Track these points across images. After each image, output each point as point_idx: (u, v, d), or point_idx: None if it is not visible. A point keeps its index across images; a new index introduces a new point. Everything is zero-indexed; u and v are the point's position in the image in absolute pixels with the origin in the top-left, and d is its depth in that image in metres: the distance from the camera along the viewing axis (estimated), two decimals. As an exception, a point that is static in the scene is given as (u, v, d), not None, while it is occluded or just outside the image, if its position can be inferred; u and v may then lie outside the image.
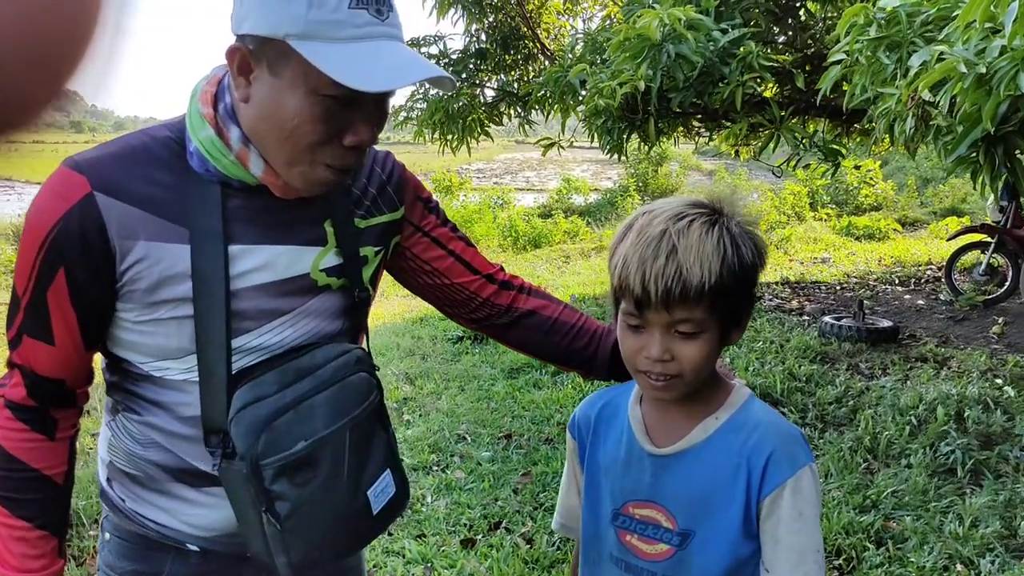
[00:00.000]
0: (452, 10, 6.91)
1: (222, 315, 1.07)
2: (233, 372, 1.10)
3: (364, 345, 1.30)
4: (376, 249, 1.24)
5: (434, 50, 7.23)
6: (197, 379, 1.09)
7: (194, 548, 1.19)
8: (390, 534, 3.17)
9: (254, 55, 1.00)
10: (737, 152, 6.69)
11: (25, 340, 1.07)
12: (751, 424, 1.10)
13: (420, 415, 4.52)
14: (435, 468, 3.79)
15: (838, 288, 7.75)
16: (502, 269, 1.40)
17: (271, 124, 1.02)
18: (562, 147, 6.35)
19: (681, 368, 1.05)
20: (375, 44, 0.98)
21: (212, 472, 1.11)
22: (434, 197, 1.37)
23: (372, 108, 1.03)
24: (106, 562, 1.24)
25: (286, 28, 0.95)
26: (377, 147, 1.23)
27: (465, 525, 3.23)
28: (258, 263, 1.10)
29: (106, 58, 0.37)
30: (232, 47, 1.01)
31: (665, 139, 5.91)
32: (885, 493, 3.33)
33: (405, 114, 7.11)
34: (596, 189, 18.98)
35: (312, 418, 1.11)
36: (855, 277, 8.27)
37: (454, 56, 7.24)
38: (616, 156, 5.33)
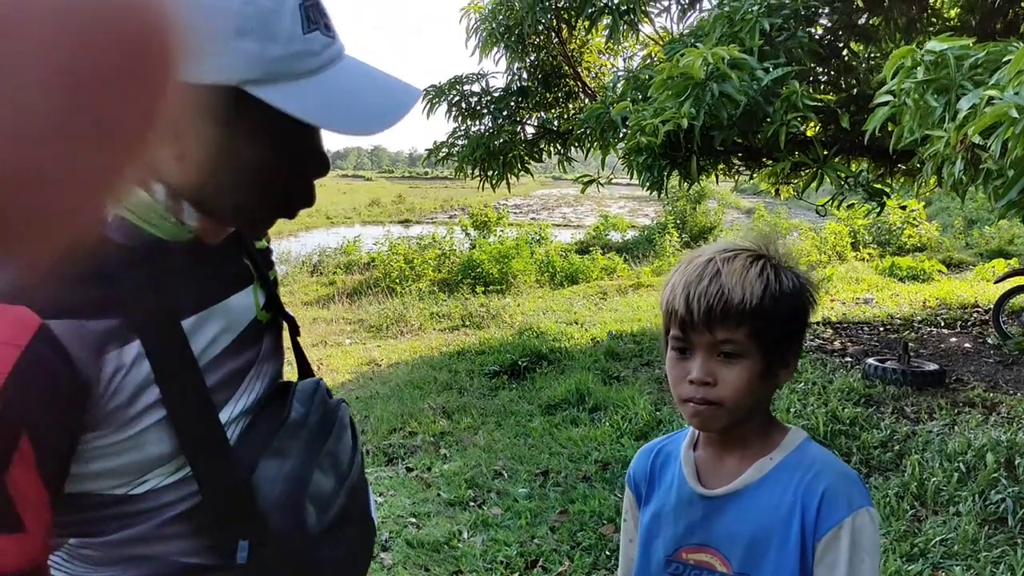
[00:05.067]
0: (495, 49, 7.02)
1: (204, 401, 0.91)
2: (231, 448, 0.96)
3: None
4: (275, 271, 1.15)
5: (476, 88, 7.35)
6: (190, 472, 0.92)
7: None
8: (427, 570, 3.16)
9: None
10: (777, 191, 6.66)
11: None
12: (806, 463, 1.09)
13: (457, 450, 4.51)
14: (472, 504, 3.78)
15: (882, 329, 7.62)
16: None
17: (223, 180, 0.87)
18: (601, 184, 6.38)
19: (721, 394, 1.05)
20: (337, 70, 0.87)
21: (215, 563, 0.95)
22: None
23: (319, 136, 0.93)
24: None
25: (240, 73, 0.79)
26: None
27: (502, 563, 3.21)
28: (218, 328, 0.95)
29: None
30: None
31: (705, 177, 5.91)
32: (933, 541, 3.24)
33: (446, 150, 7.21)
34: (633, 226, 18.97)
35: (336, 466, 1.04)
36: (899, 318, 8.13)
37: (496, 94, 7.34)
38: (656, 194, 5.35)
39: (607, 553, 3.26)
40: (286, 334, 1.16)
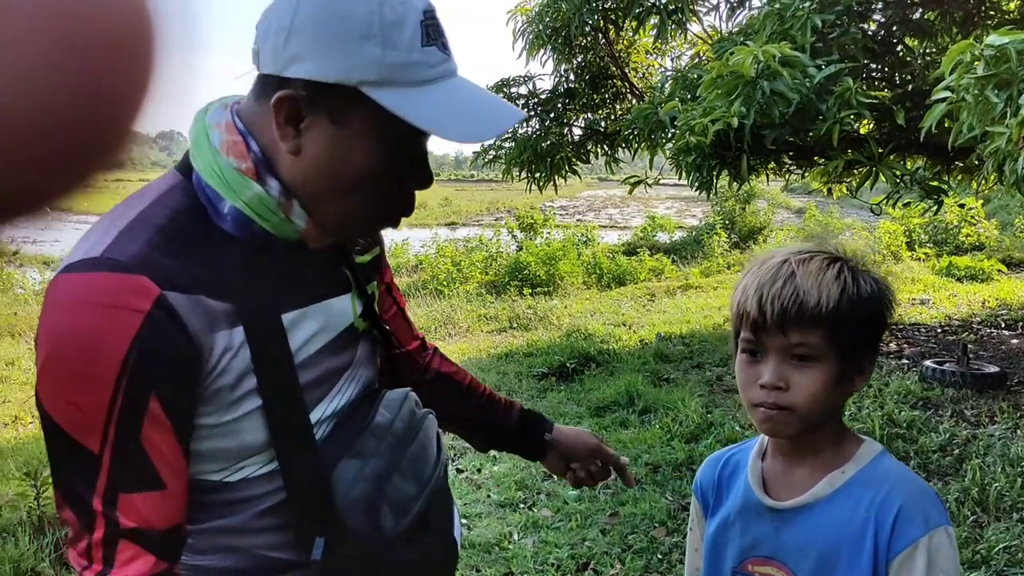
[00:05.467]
0: (542, 51, 7.02)
1: (296, 396, 0.96)
2: (317, 446, 0.99)
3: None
4: (374, 285, 1.17)
5: (523, 90, 7.35)
6: (279, 468, 0.96)
7: None
8: (478, 571, 3.18)
9: (309, 102, 0.88)
10: (829, 189, 6.54)
11: (123, 500, 0.85)
12: (880, 478, 1.05)
13: (506, 451, 4.52)
14: (522, 505, 3.79)
15: (939, 331, 7.44)
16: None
17: (333, 178, 0.92)
18: (648, 185, 6.34)
19: (794, 399, 1.02)
20: (449, 83, 0.92)
21: (295, 558, 0.98)
22: None
23: (425, 146, 0.97)
24: None
25: (360, 74, 0.86)
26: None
27: (553, 564, 3.21)
28: (315, 327, 0.99)
29: (176, 98, 0.40)
30: (282, 96, 0.87)
31: (755, 176, 5.83)
32: (996, 548, 3.15)
33: (494, 152, 7.23)
34: (681, 227, 18.80)
35: (416, 471, 1.06)
36: (957, 319, 7.92)
37: (543, 96, 7.34)
38: (705, 194, 5.29)
39: (658, 557, 3.24)
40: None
